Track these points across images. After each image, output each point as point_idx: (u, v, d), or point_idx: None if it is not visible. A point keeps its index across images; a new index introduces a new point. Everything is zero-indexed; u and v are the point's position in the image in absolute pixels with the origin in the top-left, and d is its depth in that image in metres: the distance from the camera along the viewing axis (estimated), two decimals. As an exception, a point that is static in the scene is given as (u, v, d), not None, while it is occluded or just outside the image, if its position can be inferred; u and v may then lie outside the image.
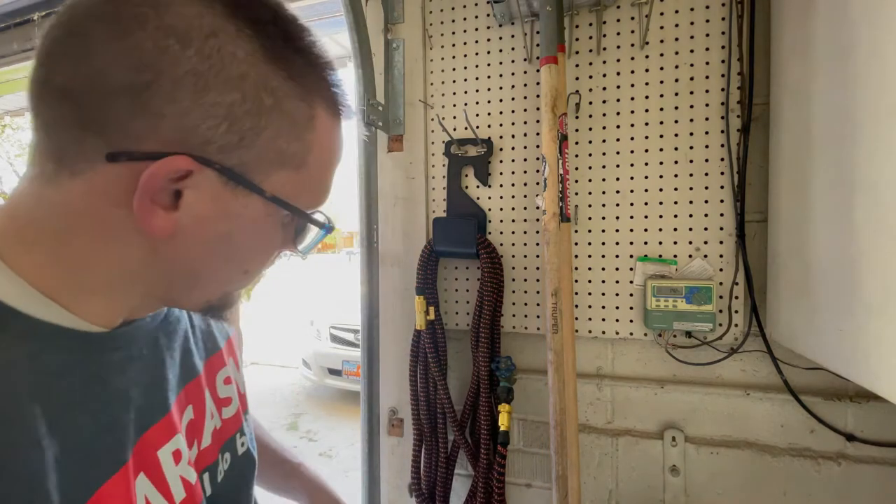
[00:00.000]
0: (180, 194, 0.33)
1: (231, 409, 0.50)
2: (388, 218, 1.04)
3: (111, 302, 0.36)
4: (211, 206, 0.34)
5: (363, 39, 0.92)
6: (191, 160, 0.32)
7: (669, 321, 0.82)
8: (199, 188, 0.33)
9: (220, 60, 0.31)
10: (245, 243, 0.38)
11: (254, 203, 0.36)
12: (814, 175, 0.65)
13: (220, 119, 0.32)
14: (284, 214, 0.38)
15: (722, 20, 0.81)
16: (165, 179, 0.32)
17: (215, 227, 0.35)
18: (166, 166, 0.31)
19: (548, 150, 0.76)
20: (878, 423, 0.78)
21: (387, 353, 1.04)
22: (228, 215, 0.35)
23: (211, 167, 0.33)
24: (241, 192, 0.35)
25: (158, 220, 0.33)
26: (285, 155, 0.36)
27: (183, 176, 0.32)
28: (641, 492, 0.91)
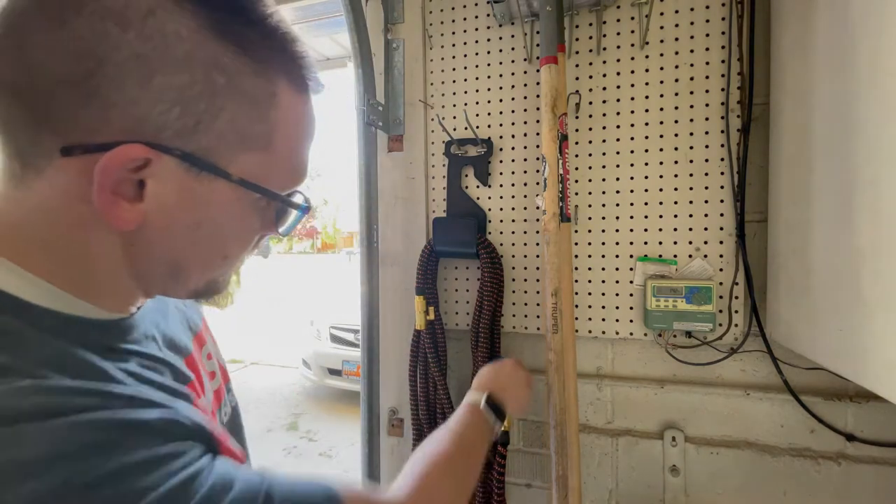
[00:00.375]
0: (144, 185, 0.32)
1: (215, 382, 0.52)
2: (388, 218, 1.04)
3: (120, 296, 0.37)
4: (176, 195, 0.33)
5: (363, 39, 0.92)
6: (145, 148, 0.31)
7: (669, 321, 0.82)
8: (162, 177, 0.32)
9: (162, 41, 0.30)
10: (219, 230, 0.37)
11: (221, 188, 0.35)
12: (814, 175, 0.65)
13: (171, 103, 0.31)
14: (258, 198, 0.37)
15: (722, 20, 0.81)
16: (123, 170, 0.31)
17: (185, 215, 0.35)
18: (120, 156, 0.30)
19: (548, 150, 0.76)
20: (878, 423, 0.78)
21: (387, 353, 1.04)
22: (196, 202, 0.34)
23: (170, 154, 0.32)
24: (205, 178, 0.34)
25: (123, 212, 0.32)
26: (248, 136, 0.35)
27: (142, 165, 0.31)
28: (641, 492, 0.91)
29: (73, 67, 0.29)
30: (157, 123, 0.31)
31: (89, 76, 0.29)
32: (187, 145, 0.32)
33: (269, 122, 0.35)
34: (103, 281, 0.35)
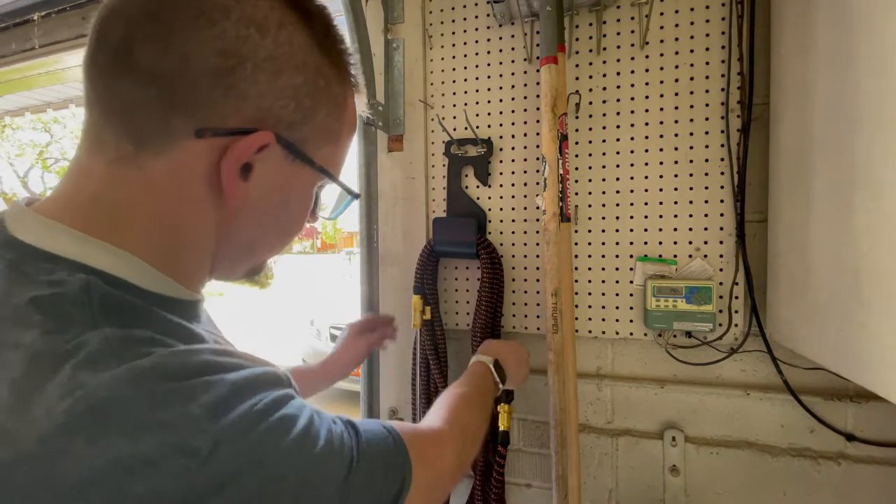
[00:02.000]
0: (250, 167, 0.37)
1: None
2: (388, 218, 1.04)
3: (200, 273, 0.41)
4: (274, 177, 0.39)
5: (363, 39, 0.92)
6: (270, 135, 0.36)
7: (669, 321, 0.82)
8: (268, 161, 0.38)
9: (290, 48, 0.36)
10: (294, 209, 0.43)
11: (305, 173, 0.41)
12: (814, 175, 0.65)
13: (289, 99, 0.37)
14: (319, 185, 0.44)
15: (722, 20, 0.81)
16: (252, 151, 0.36)
17: (275, 195, 0.40)
18: (254, 141, 0.35)
19: (548, 150, 0.76)
20: (878, 423, 0.78)
21: (387, 353, 1.04)
22: (287, 185, 0.40)
23: (280, 143, 0.37)
24: (297, 164, 0.40)
25: (237, 189, 0.37)
26: (330, 131, 0.42)
27: (259, 150, 0.36)
28: (641, 492, 0.91)
29: (219, 62, 0.34)
30: (277, 116, 0.37)
31: (231, 71, 0.34)
32: (292, 136, 0.38)
33: (342, 121, 0.43)
34: (190, 261, 0.39)
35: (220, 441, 0.28)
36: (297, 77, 0.37)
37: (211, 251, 0.40)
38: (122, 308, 0.31)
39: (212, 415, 0.28)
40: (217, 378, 0.30)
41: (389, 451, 0.41)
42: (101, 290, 0.31)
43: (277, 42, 0.36)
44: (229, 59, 0.34)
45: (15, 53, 1.48)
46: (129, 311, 0.32)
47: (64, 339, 0.28)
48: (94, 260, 0.32)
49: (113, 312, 0.30)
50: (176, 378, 0.29)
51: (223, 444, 0.28)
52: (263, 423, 0.31)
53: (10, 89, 2.22)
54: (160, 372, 0.28)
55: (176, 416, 0.27)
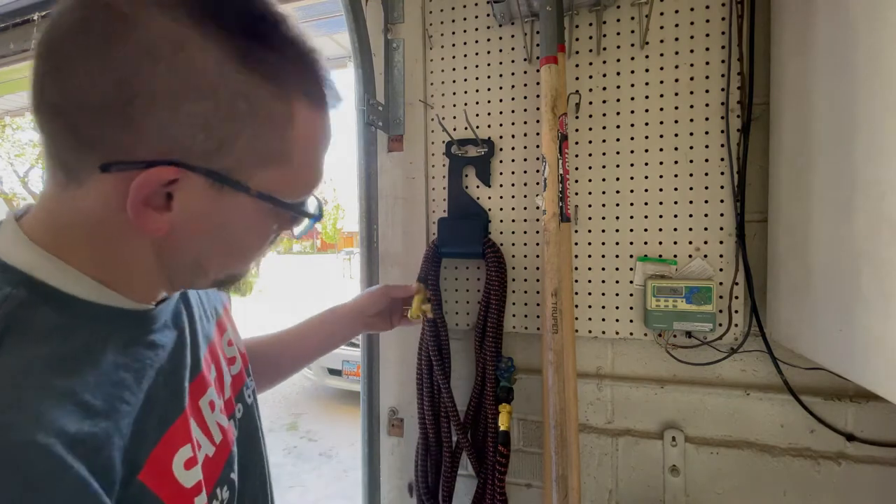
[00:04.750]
0: (171, 196, 0.35)
1: (236, 367, 0.56)
2: (388, 218, 1.04)
3: (149, 289, 0.41)
4: (200, 206, 0.37)
5: (363, 39, 0.92)
6: (175, 169, 0.34)
7: (669, 321, 0.82)
8: (188, 191, 0.36)
9: (192, 73, 0.33)
10: (239, 236, 0.41)
11: (241, 201, 0.38)
12: (814, 175, 0.65)
13: (198, 128, 0.34)
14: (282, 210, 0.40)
15: (722, 20, 0.81)
16: (156, 185, 0.34)
17: (207, 223, 0.38)
18: (154, 175, 0.33)
19: (548, 150, 0.76)
20: (878, 423, 0.78)
21: (387, 353, 1.04)
22: (220, 213, 0.38)
23: (196, 171, 0.35)
24: (227, 192, 0.37)
25: (152, 221, 0.35)
26: (267, 154, 0.37)
27: (171, 181, 0.34)
28: (641, 492, 0.91)
29: (113, 95, 0.32)
30: (185, 145, 0.34)
31: (126, 103, 0.32)
32: (212, 164, 0.35)
33: (287, 140, 0.38)
34: (137, 277, 0.40)
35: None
36: (204, 104, 0.33)
37: (157, 267, 0.40)
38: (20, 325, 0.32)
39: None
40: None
41: None
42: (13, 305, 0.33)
43: (173, 68, 0.32)
44: (124, 92, 0.32)
45: (15, 53, 1.48)
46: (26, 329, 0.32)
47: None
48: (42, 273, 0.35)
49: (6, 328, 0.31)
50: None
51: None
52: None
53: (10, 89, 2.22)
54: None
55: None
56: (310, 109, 0.39)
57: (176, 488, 0.38)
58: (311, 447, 3.66)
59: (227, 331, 0.57)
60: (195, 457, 0.42)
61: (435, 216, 1.01)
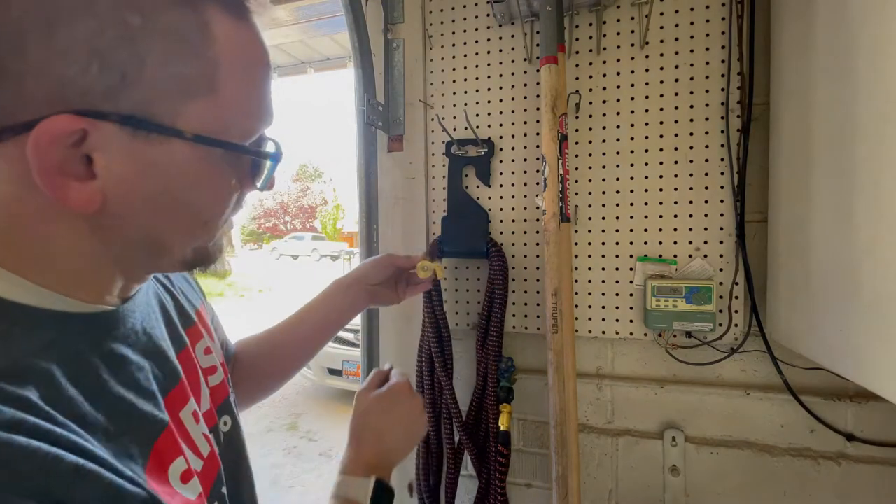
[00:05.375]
0: (92, 160, 0.29)
1: (217, 377, 0.49)
2: (388, 218, 1.04)
3: (99, 283, 0.34)
4: (129, 164, 0.30)
5: (363, 39, 0.92)
6: (73, 117, 0.27)
7: (669, 321, 0.82)
8: (107, 147, 0.29)
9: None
10: (189, 195, 0.33)
11: (178, 148, 0.31)
12: (814, 175, 0.65)
13: (85, 58, 0.27)
14: (225, 153, 0.33)
15: (722, 20, 0.81)
16: (60, 147, 0.27)
17: (146, 185, 0.31)
18: (48, 131, 0.27)
19: (548, 150, 0.76)
20: (878, 423, 0.78)
21: (387, 353, 1.04)
22: (155, 168, 0.31)
23: (106, 119, 0.28)
24: (157, 140, 0.30)
25: (75, 193, 0.29)
26: (187, 82, 0.30)
27: (80, 139, 0.28)
28: (641, 492, 0.91)
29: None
30: (79, 87, 0.27)
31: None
32: (121, 106, 0.28)
33: (208, 58, 0.30)
34: (80, 271, 0.33)
35: None
36: (85, 25, 0.26)
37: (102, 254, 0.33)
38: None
39: None
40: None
41: None
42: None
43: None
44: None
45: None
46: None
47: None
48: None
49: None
50: None
51: None
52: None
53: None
54: None
55: None
56: (230, 18, 0.31)
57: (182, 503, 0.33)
58: (311, 447, 3.66)
59: (203, 338, 0.49)
60: (190, 469, 0.37)
61: (435, 216, 1.01)
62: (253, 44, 0.33)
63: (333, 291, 0.73)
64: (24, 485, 0.24)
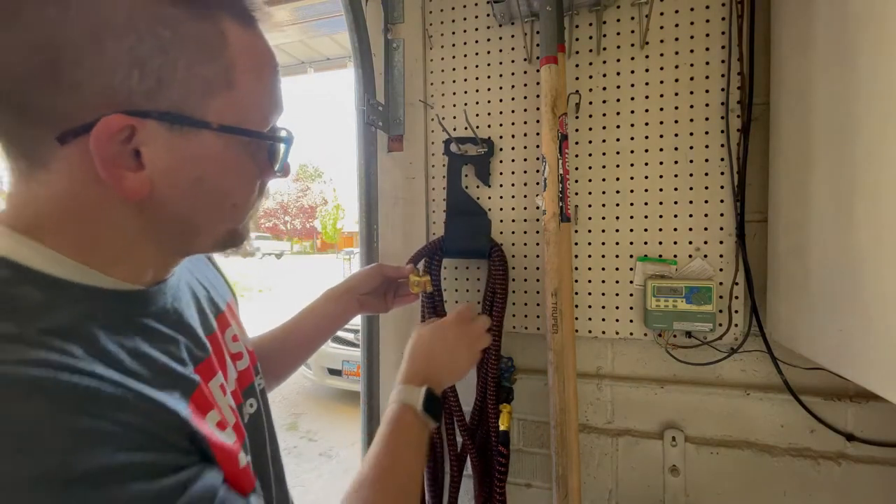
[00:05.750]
0: (140, 154, 0.34)
1: (243, 363, 0.54)
2: (388, 218, 1.04)
3: (136, 265, 0.39)
4: (170, 155, 0.35)
5: (363, 39, 0.92)
6: (123, 116, 0.32)
7: (669, 321, 0.82)
8: (152, 142, 0.34)
9: (101, 9, 0.31)
10: (220, 181, 0.39)
11: (208, 139, 0.37)
12: (814, 175, 0.65)
13: (128, 67, 0.32)
14: (247, 141, 0.39)
15: (722, 20, 0.81)
16: (114, 142, 0.33)
17: (184, 173, 0.37)
18: (104, 129, 0.32)
19: (548, 150, 0.76)
20: (878, 423, 0.78)
21: (387, 353, 1.04)
22: (192, 159, 0.37)
23: (148, 117, 0.34)
24: (191, 133, 0.36)
25: (129, 182, 0.34)
26: (209, 81, 0.36)
27: (130, 135, 0.33)
28: (641, 492, 0.91)
29: (34, 60, 0.31)
30: (124, 91, 0.33)
31: (51, 64, 0.31)
32: (159, 105, 0.34)
33: (225, 60, 0.36)
34: (120, 252, 0.38)
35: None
36: (125, 39, 0.32)
37: (145, 238, 0.38)
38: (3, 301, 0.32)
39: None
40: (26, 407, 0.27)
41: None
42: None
43: (83, 11, 0.31)
44: (44, 52, 0.30)
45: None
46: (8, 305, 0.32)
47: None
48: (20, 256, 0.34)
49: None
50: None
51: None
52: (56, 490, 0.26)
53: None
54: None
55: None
56: (240, 27, 0.37)
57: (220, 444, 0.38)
58: (311, 447, 3.66)
59: (232, 326, 0.55)
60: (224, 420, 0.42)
61: (435, 216, 1.01)
62: (261, 48, 0.40)
63: (324, 301, 0.79)
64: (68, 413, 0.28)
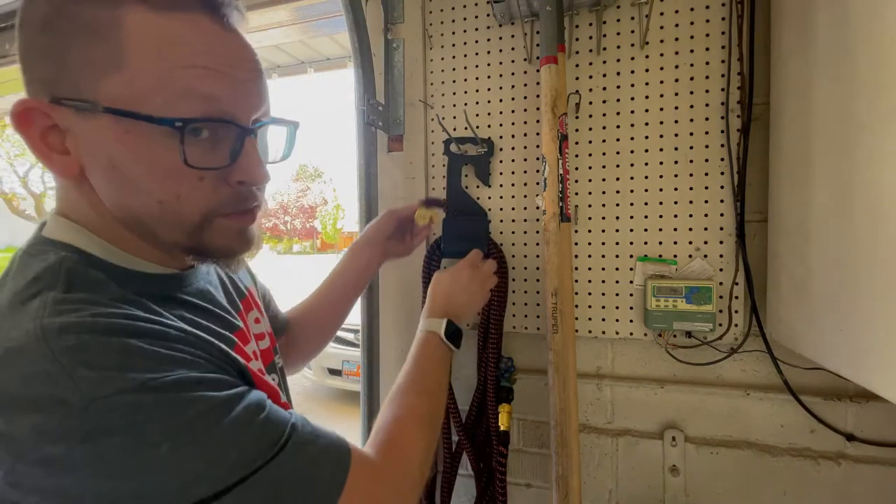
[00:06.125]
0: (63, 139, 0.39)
1: (265, 343, 0.58)
2: (388, 218, 1.04)
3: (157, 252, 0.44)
4: (82, 139, 0.38)
5: (363, 39, 0.91)
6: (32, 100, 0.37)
7: (669, 321, 0.82)
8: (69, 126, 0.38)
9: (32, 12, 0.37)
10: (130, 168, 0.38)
11: (105, 122, 0.37)
12: (814, 175, 0.65)
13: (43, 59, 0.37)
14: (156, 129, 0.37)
15: (722, 20, 0.81)
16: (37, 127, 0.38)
17: (98, 157, 0.39)
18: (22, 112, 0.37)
19: (548, 150, 0.76)
20: (878, 423, 0.78)
21: (387, 353, 1.04)
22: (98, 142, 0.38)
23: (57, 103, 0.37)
24: (90, 117, 0.37)
25: (57, 162, 0.39)
26: (99, 62, 0.36)
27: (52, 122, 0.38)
28: (641, 492, 0.91)
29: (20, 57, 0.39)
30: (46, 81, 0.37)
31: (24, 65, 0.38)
32: (62, 91, 0.37)
33: (118, 44, 0.36)
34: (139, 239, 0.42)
35: (94, 397, 0.31)
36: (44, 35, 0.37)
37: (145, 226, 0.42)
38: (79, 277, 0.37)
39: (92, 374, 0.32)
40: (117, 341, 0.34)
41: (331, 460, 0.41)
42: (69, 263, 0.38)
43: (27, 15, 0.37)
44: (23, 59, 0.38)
45: (15, 53, 1.48)
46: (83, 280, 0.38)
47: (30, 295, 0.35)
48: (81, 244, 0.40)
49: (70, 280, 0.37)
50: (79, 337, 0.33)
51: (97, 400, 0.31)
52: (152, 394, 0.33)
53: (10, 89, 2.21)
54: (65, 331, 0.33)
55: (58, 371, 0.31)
56: (153, 12, 0.37)
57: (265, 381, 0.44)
58: (311, 447, 3.65)
59: (254, 309, 0.59)
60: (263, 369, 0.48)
61: (437, 216, 1.01)
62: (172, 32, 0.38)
63: (348, 259, 0.83)
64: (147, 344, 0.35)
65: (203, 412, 0.34)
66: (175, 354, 0.35)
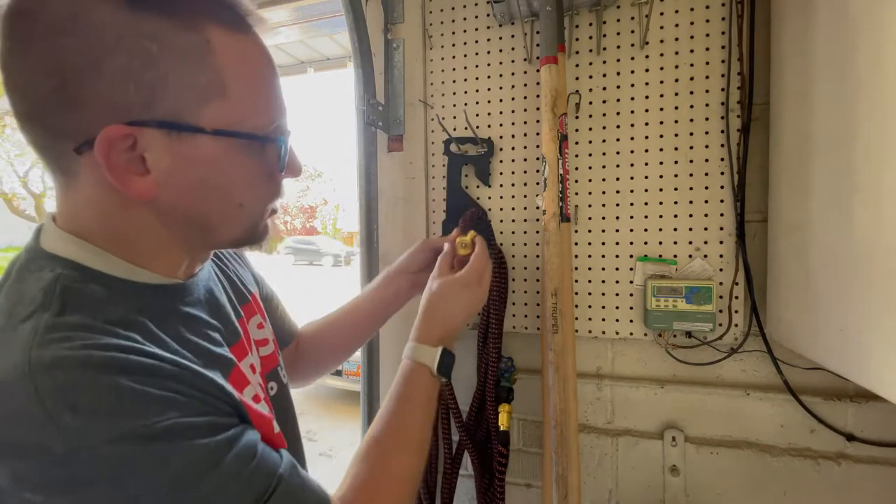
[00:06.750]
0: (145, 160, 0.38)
1: (267, 348, 0.58)
2: (388, 218, 1.04)
3: (170, 261, 0.44)
4: (171, 159, 0.38)
5: (363, 39, 0.92)
6: (121, 126, 0.36)
7: (669, 321, 0.82)
8: (153, 148, 0.38)
9: (94, 33, 0.35)
10: (222, 182, 0.41)
11: (205, 143, 0.39)
12: (814, 175, 0.65)
13: (125, 83, 0.35)
14: (247, 143, 0.41)
15: (722, 20, 0.81)
16: (119, 150, 0.36)
17: (187, 175, 0.40)
18: (105, 139, 0.36)
19: (548, 150, 0.76)
20: (878, 423, 0.78)
21: (387, 353, 1.04)
22: (193, 161, 0.39)
23: (147, 126, 0.37)
24: (188, 138, 0.38)
25: (137, 185, 0.38)
26: (201, 89, 0.38)
27: (133, 143, 0.37)
28: (641, 492, 0.91)
29: (46, 84, 0.35)
30: (123, 104, 0.36)
31: (60, 86, 0.35)
32: (156, 114, 0.37)
33: (213, 67, 0.38)
34: (154, 249, 0.42)
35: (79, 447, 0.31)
36: (118, 58, 0.35)
37: (168, 236, 0.42)
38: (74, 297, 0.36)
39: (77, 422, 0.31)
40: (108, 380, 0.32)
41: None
42: (66, 281, 0.37)
43: (80, 35, 0.34)
44: (56, 76, 0.35)
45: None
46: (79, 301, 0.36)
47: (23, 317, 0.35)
48: (82, 258, 0.39)
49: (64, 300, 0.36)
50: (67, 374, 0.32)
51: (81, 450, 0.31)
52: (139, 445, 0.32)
53: (10, 89, 2.21)
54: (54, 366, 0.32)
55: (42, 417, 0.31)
56: (228, 33, 0.39)
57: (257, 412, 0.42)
58: (311, 447, 3.66)
59: (257, 315, 0.59)
60: (258, 395, 0.46)
61: (435, 216, 1.01)
62: (252, 52, 0.41)
63: (378, 284, 0.80)
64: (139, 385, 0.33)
65: (190, 463, 0.34)
66: (167, 395, 0.34)
